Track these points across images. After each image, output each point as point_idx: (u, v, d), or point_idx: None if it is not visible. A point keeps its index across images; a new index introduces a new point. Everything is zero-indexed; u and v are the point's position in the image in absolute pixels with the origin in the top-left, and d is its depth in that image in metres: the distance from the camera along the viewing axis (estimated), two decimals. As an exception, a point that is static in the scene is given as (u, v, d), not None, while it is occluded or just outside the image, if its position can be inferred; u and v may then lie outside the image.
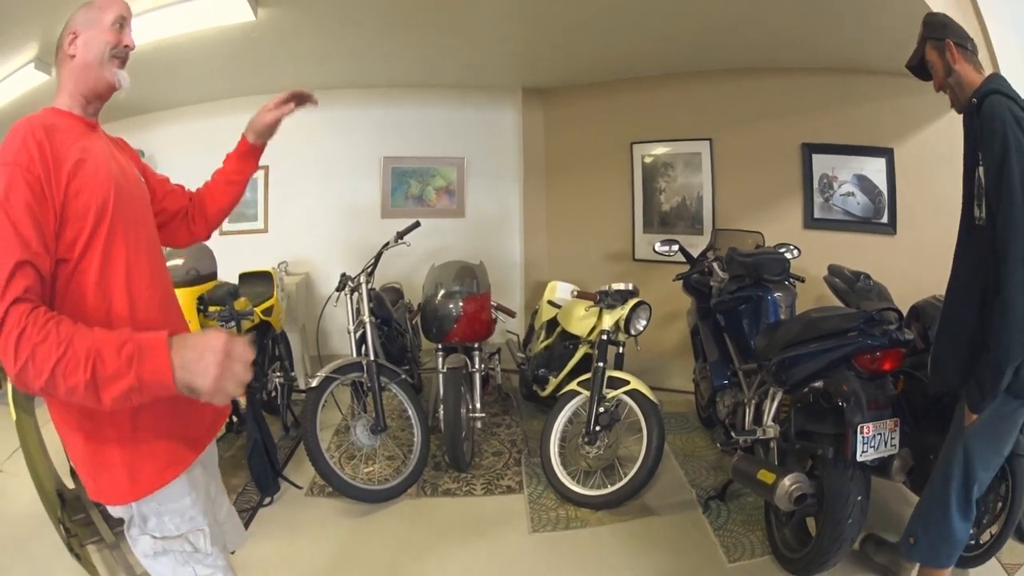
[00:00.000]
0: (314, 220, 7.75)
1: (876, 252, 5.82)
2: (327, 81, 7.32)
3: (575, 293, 5.42)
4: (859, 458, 3.36)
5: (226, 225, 7.06)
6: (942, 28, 2.88)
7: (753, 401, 4.44)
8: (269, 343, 5.92)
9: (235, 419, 5.24)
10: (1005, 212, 2.52)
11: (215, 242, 7.32)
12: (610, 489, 4.65)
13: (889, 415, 3.46)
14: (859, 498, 3.46)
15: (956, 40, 2.83)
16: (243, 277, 6.09)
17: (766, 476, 3.69)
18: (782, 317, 4.64)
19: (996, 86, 2.68)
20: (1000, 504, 3.48)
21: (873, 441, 3.39)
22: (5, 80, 5.51)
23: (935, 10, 3.35)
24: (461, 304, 5.27)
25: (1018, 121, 2.54)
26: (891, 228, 5.90)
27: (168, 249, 4.95)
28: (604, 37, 5.90)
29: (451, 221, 7.90)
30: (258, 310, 5.65)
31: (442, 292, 5.35)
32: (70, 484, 3.80)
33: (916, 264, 3.52)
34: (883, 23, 4.52)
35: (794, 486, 3.53)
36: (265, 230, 7.76)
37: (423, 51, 6.35)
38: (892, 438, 3.45)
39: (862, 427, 3.36)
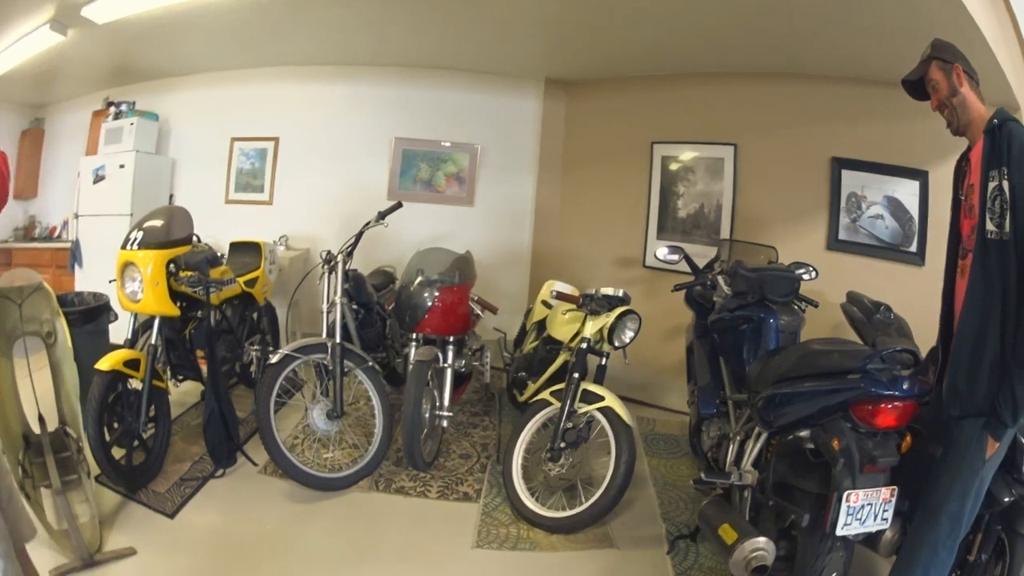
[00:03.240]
0: (320, 196, 7.06)
1: (901, 283, 4.95)
2: (343, 56, 6.70)
3: (555, 294, 4.50)
4: (839, 532, 2.48)
5: (232, 194, 6.99)
6: (951, 52, 2.66)
7: (738, 437, 3.50)
8: (250, 315, 5.41)
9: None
10: None
11: (220, 208, 6.97)
12: (568, 513, 3.85)
13: (885, 482, 2.55)
14: (834, 575, 2.57)
15: (964, 67, 2.62)
16: (233, 246, 5.67)
17: (727, 533, 2.82)
18: (783, 343, 3.69)
19: (1011, 115, 2.46)
20: None
21: (860, 513, 2.50)
22: (20, 40, 5.38)
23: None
24: (437, 294, 4.50)
25: None
26: (919, 258, 5.01)
27: (150, 210, 4.49)
28: (633, 28, 5.14)
29: (460, 209, 7.04)
30: (241, 280, 5.16)
31: (418, 280, 4.58)
32: (37, 430, 3.67)
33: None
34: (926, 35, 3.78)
35: (755, 554, 2.64)
36: (270, 202, 7.15)
37: (445, 29, 5.67)
38: (884, 510, 2.55)
39: (849, 494, 2.47)
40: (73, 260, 6.85)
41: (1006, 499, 2.54)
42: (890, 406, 2.54)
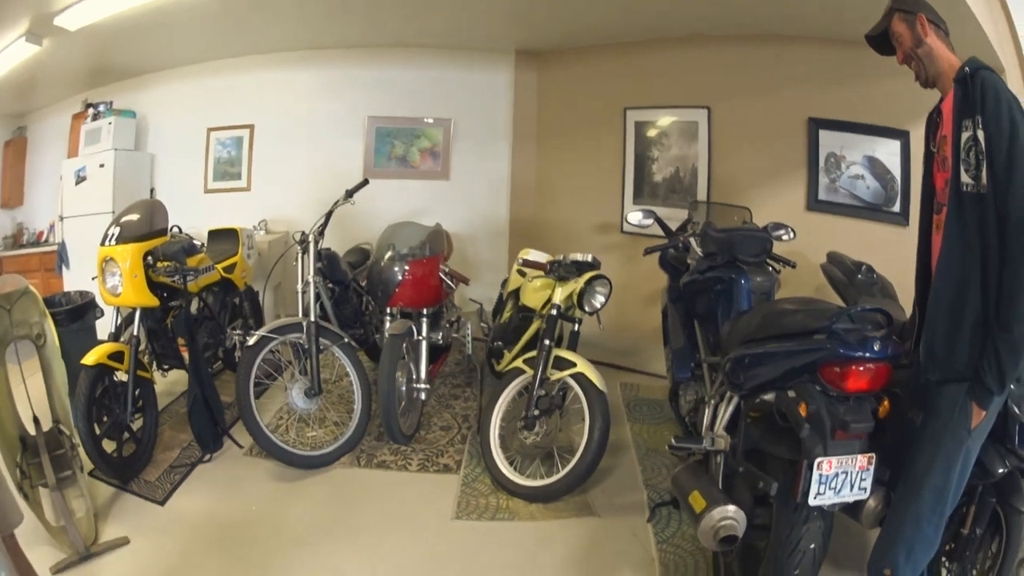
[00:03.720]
0: (297, 179, 6.81)
1: (884, 243, 4.71)
2: (311, 41, 6.53)
3: (521, 262, 4.30)
4: (812, 501, 2.27)
5: (211, 183, 6.79)
6: (913, 1, 2.42)
7: (713, 401, 3.28)
8: (231, 300, 5.36)
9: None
10: (1020, 180, 2.03)
11: (200, 198, 6.80)
12: (545, 481, 3.72)
13: (861, 449, 2.32)
14: (811, 546, 2.37)
15: (929, 16, 2.38)
16: (211, 234, 5.54)
17: (696, 501, 2.64)
18: (755, 304, 3.47)
19: (983, 64, 2.23)
20: (990, 563, 2.50)
21: (834, 481, 2.28)
22: None
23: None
24: (407, 267, 4.39)
25: (1013, 99, 2.13)
26: (903, 218, 4.76)
27: (128, 204, 4.34)
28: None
29: (435, 183, 6.85)
30: (220, 267, 5.04)
31: (388, 254, 4.47)
32: (32, 431, 3.60)
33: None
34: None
35: (723, 523, 2.46)
36: (248, 188, 6.97)
37: (411, 9, 5.49)
38: (862, 479, 2.32)
39: (821, 462, 2.25)
40: (60, 262, 6.68)
41: (1000, 471, 2.33)
42: (861, 368, 2.31)
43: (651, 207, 4.92)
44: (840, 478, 2.27)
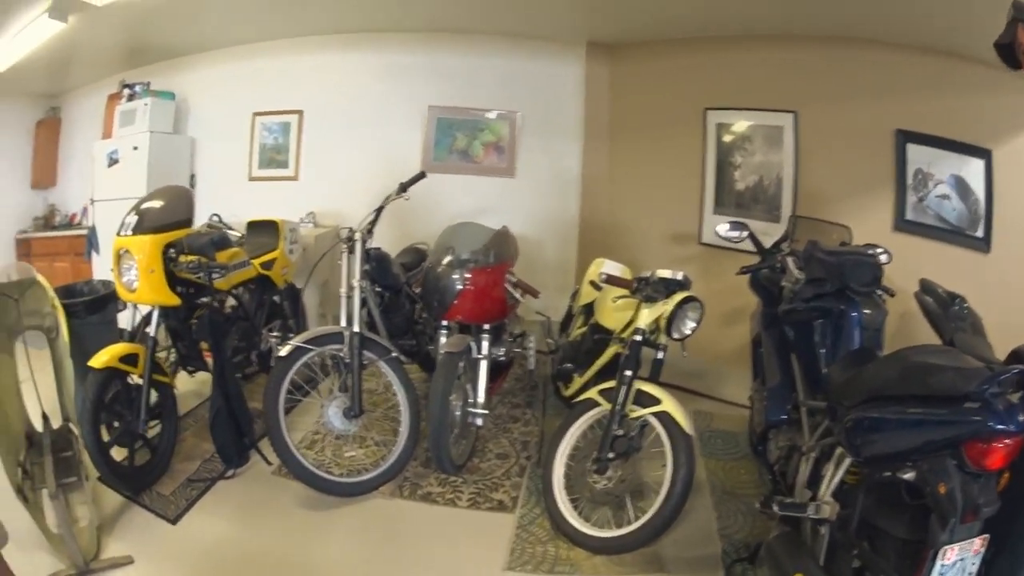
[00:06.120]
0: (349, 170, 6.71)
1: (966, 271, 4.43)
2: (368, 23, 6.41)
3: (604, 277, 3.95)
4: (929, 594, 2.00)
5: (255, 170, 6.42)
6: None
7: (813, 454, 2.94)
8: (269, 299, 5.10)
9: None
10: None
11: (244, 186, 6.73)
12: (615, 533, 3.34)
13: (979, 530, 2.08)
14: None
15: None
16: (250, 225, 5.35)
17: None
18: (866, 342, 3.17)
19: None
20: None
21: (952, 570, 2.05)
22: (21, 32, 5.33)
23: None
24: (468, 276, 4.02)
25: None
26: (985, 244, 4.46)
27: (149, 191, 4.82)
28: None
29: (500, 180, 6.65)
30: (257, 262, 4.85)
31: (447, 259, 4.12)
32: (40, 428, 3.56)
33: (1009, 292, 2.92)
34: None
35: None
36: (296, 177, 6.90)
37: None
38: (973, 563, 2.09)
39: (945, 551, 2.02)
40: (90, 247, 6.69)
41: None
42: (1003, 444, 2.00)
43: (740, 219, 4.60)
44: (956, 566, 2.05)
